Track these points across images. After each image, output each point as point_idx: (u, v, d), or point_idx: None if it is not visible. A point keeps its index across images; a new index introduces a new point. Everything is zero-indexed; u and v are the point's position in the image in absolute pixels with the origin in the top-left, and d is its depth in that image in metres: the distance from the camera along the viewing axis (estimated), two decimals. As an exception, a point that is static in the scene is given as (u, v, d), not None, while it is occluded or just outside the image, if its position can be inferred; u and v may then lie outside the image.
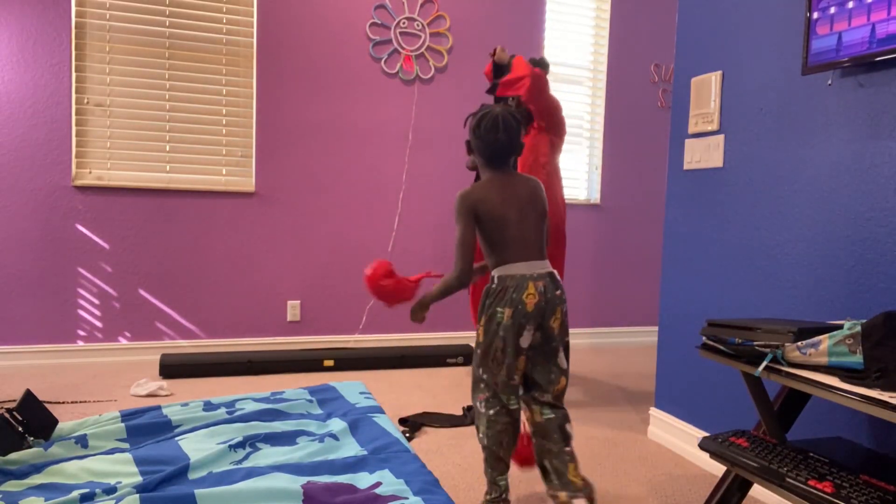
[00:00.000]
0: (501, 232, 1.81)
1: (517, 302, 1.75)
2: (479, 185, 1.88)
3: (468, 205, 1.81)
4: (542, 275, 1.79)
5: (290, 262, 3.93)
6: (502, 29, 4.25)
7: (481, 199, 1.82)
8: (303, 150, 3.92)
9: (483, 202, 1.81)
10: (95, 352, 3.61)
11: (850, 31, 1.73)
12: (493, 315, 1.79)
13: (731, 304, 2.27)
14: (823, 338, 1.37)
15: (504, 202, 1.81)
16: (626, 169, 4.64)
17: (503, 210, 1.81)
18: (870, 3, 1.67)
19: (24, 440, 2.07)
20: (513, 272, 1.78)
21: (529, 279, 1.77)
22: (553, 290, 1.80)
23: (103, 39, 3.57)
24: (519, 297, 1.75)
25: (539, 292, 1.76)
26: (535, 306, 1.76)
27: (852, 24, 1.73)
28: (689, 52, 2.52)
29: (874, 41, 1.66)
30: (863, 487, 1.32)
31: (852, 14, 1.72)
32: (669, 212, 2.61)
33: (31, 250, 3.50)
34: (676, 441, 2.54)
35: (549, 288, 1.79)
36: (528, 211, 1.83)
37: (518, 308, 1.75)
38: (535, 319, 1.77)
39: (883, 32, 1.64)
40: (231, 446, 2.09)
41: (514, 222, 1.81)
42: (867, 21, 1.68)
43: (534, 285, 1.77)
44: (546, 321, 1.79)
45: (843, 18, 1.75)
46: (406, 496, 1.79)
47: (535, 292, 1.76)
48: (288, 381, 3.31)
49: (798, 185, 2.02)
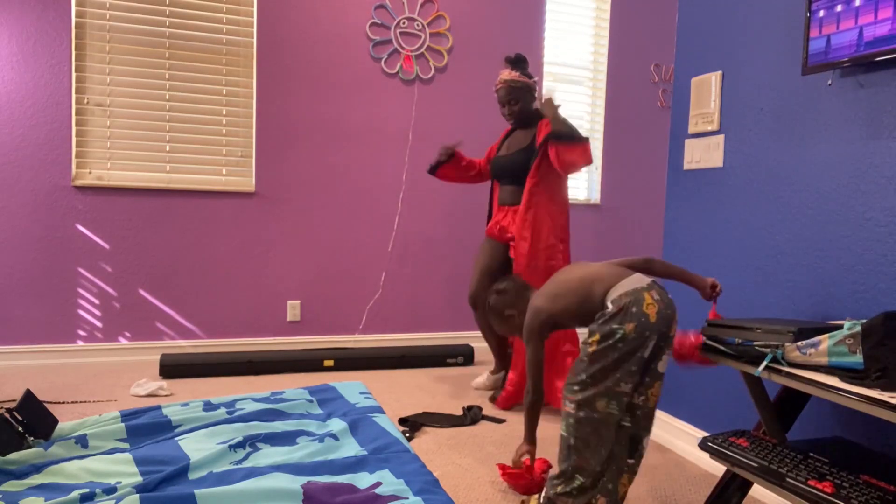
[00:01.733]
0: (590, 289, 1.79)
1: (640, 316, 1.67)
2: (544, 294, 1.90)
3: (541, 322, 1.87)
4: (650, 283, 1.74)
5: (290, 262, 3.93)
6: (502, 29, 4.25)
7: (550, 308, 1.85)
8: (303, 150, 3.92)
9: (553, 305, 1.85)
10: (95, 352, 3.61)
11: (848, 32, 1.73)
12: (613, 332, 1.68)
13: (731, 304, 2.27)
14: (823, 338, 1.37)
15: (569, 282, 1.85)
16: (626, 169, 4.64)
17: (576, 286, 1.82)
18: (862, 6, 1.67)
19: (24, 440, 2.07)
20: (624, 289, 1.72)
21: (644, 290, 1.70)
22: (666, 294, 1.74)
23: (103, 39, 3.57)
24: (640, 311, 1.67)
25: (657, 300, 1.69)
26: (659, 315, 1.68)
27: (842, 26, 1.73)
28: (689, 52, 2.52)
29: (869, 42, 1.66)
30: (863, 487, 1.32)
31: (851, 14, 1.72)
32: (669, 212, 2.61)
33: (31, 250, 3.50)
34: (676, 441, 2.54)
35: (663, 293, 1.73)
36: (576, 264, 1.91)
37: (641, 321, 1.67)
38: (660, 331, 1.68)
39: (876, 33, 1.64)
40: (231, 446, 2.09)
41: (591, 270, 1.82)
42: (866, 21, 1.68)
43: (649, 294, 1.70)
44: (671, 327, 1.71)
45: (843, 18, 1.75)
46: (406, 496, 1.79)
47: (653, 301, 1.69)
48: (288, 381, 3.31)
49: (798, 185, 2.02)
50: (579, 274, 1.84)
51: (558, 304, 1.84)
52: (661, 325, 1.67)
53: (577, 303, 1.80)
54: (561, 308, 1.83)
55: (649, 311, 1.66)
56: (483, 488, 2.13)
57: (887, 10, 1.64)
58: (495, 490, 2.12)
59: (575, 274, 1.86)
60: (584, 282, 1.80)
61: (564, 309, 1.83)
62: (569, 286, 1.84)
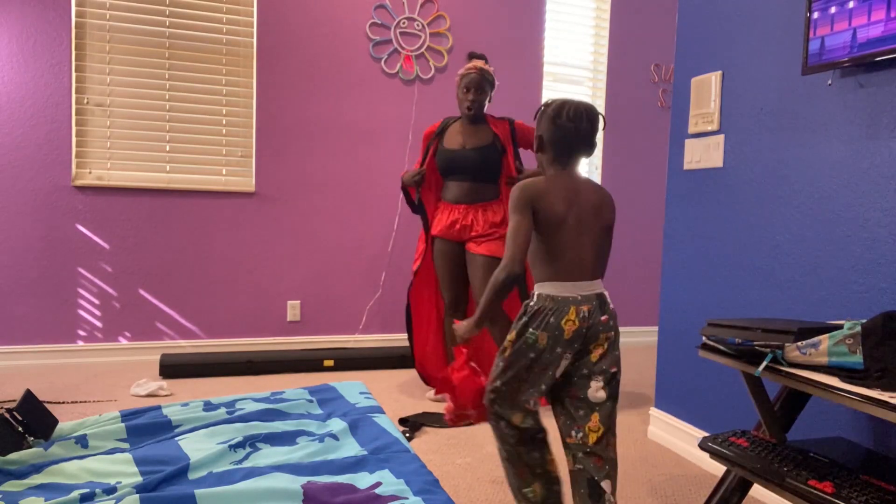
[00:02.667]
0: (555, 239, 1.58)
1: (554, 328, 1.53)
2: (542, 179, 1.63)
3: (528, 196, 1.57)
4: (588, 297, 1.56)
5: (290, 262, 3.93)
6: (502, 29, 4.25)
7: (543, 192, 1.58)
8: (303, 150, 3.92)
9: (544, 197, 1.58)
10: (95, 352, 3.61)
11: (842, 34, 1.73)
12: (524, 333, 1.57)
13: (731, 304, 2.27)
14: (823, 338, 1.37)
15: (567, 205, 1.58)
16: (626, 169, 4.64)
17: (564, 213, 1.57)
18: (860, 5, 1.67)
19: (24, 440, 2.07)
20: (555, 292, 1.56)
21: (572, 303, 1.54)
22: (599, 314, 1.56)
23: (103, 39, 3.57)
24: (557, 323, 1.53)
25: (581, 318, 1.54)
26: (574, 333, 1.54)
27: (836, 27, 1.73)
28: (689, 52, 2.52)
29: (863, 44, 1.66)
30: (863, 487, 1.32)
31: (845, 16, 1.72)
32: (669, 212, 2.61)
33: (31, 250, 3.50)
34: (676, 441, 2.54)
35: (595, 312, 1.56)
36: (590, 221, 1.59)
37: (555, 334, 1.54)
38: (573, 347, 1.55)
39: (869, 35, 1.64)
40: (231, 446, 2.09)
41: (571, 230, 1.57)
42: (860, 23, 1.68)
43: (576, 310, 1.54)
44: (589, 347, 1.57)
45: (837, 20, 1.75)
46: (406, 496, 1.79)
47: (575, 318, 1.53)
48: (288, 381, 3.31)
49: (798, 185, 2.02)
50: (577, 238, 1.58)
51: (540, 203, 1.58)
52: (575, 344, 1.54)
53: (533, 248, 1.61)
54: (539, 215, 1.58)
55: (566, 326, 1.53)
56: (483, 488, 2.13)
57: (880, 12, 1.64)
58: (495, 490, 2.12)
59: (569, 228, 1.58)
60: (568, 247, 1.57)
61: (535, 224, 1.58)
62: (566, 223, 1.58)
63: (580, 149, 1.64)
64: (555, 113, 1.63)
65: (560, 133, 1.62)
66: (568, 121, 1.61)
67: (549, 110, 1.64)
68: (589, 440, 1.55)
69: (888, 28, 1.62)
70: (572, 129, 1.61)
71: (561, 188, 1.60)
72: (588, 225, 1.59)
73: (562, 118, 1.61)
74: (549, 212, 1.57)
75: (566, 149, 1.64)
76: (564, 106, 1.62)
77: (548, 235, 1.58)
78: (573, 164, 1.66)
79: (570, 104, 1.62)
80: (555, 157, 1.65)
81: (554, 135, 1.63)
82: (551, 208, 1.57)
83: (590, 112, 1.62)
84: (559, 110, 1.62)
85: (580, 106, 1.62)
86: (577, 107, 1.61)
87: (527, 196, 1.58)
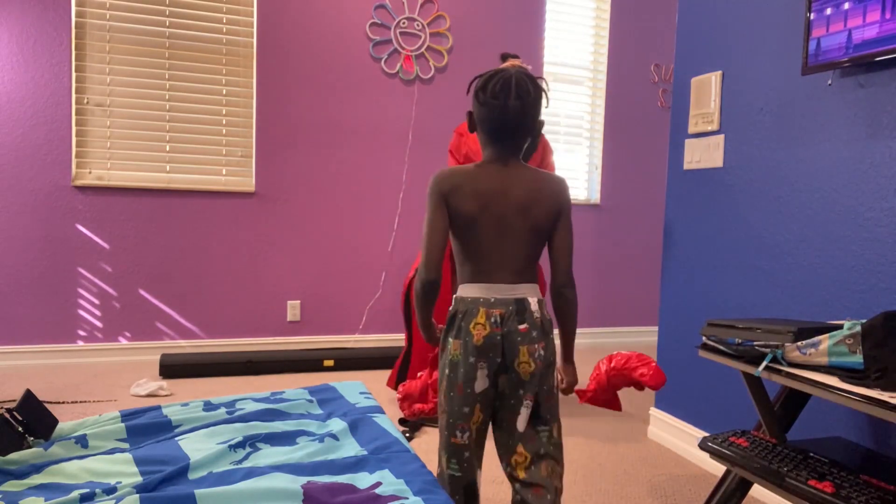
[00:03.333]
0: (468, 239, 1.39)
1: (465, 333, 1.37)
2: (464, 168, 1.41)
3: (440, 189, 1.38)
4: (503, 301, 1.36)
5: (290, 262, 3.93)
6: (502, 29, 4.25)
7: (457, 186, 1.37)
8: (303, 150, 3.92)
9: (457, 192, 1.37)
10: (95, 352, 3.61)
11: (838, 35, 1.73)
12: (445, 346, 1.42)
13: (732, 304, 2.27)
14: (823, 338, 1.37)
15: (481, 203, 1.37)
16: (626, 169, 4.64)
17: (475, 213, 1.37)
18: (851, 9, 1.67)
19: (24, 440, 2.07)
20: (466, 294, 1.40)
21: (482, 305, 1.36)
22: (515, 322, 1.35)
23: (103, 39, 3.57)
24: (466, 328, 1.36)
25: (492, 323, 1.35)
26: (485, 340, 1.35)
27: (832, 28, 1.73)
28: (689, 52, 2.52)
29: (858, 45, 1.66)
30: (863, 487, 1.32)
31: (840, 17, 1.72)
32: (669, 212, 2.61)
33: (31, 250, 3.49)
34: (676, 441, 2.54)
35: (510, 319, 1.35)
36: (514, 222, 1.38)
37: (465, 340, 1.37)
38: (488, 358, 1.36)
39: (864, 36, 1.64)
40: (231, 446, 2.09)
41: (488, 230, 1.37)
42: (855, 24, 1.68)
43: (485, 313, 1.35)
44: (510, 363, 1.37)
45: (833, 21, 1.75)
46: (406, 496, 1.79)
47: (484, 322, 1.35)
48: (288, 381, 3.31)
49: (798, 185, 2.02)
50: (497, 236, 1.39)
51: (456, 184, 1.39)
52: (490, 353, 1.36)
53: (452, 246, 1.44)
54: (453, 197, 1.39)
55: (475, 331, 1.35)
56: (483, 488, 2.13)
57: (875, 14, 1.64)
58: (495, 490, 2.12)
59: (489, 225, 1.39)
60: (485, 245, 1.39)
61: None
62: (480, 220, 1.38)
63: (513, 129, 1.37)
64: (480, 86, 1.38)
65: (485, 111, 1.37)
66: (492, 97, 1.35)
67: (477, 83, 1.40)
68: (516, 472, 1.41)
69: (883, 29, 1.63)
70: (497, 108, 1.34)
71: (483, 181, 1.38)
72: (511, 225, 1.38)
73: (486, 93, 1.36)
74: (459, 210, 1.37)
75: (493, 132, 1.38)
76: (492, 79, 1.36)
77: (461, 236, 1.40)
78: (507, 150, 1.40)
79: (499, 76, 1.35)
80: (486, 138, 1.41)
81: (479, 113, 1.39)
82: (462, 206, 1.37)
83: (520, 85, 1.34)
84: (485, 84, 1.37)
85: (509, 78, 1.34)
86: (505, 79, 1.34)
87: (438, 189, 1.38)
